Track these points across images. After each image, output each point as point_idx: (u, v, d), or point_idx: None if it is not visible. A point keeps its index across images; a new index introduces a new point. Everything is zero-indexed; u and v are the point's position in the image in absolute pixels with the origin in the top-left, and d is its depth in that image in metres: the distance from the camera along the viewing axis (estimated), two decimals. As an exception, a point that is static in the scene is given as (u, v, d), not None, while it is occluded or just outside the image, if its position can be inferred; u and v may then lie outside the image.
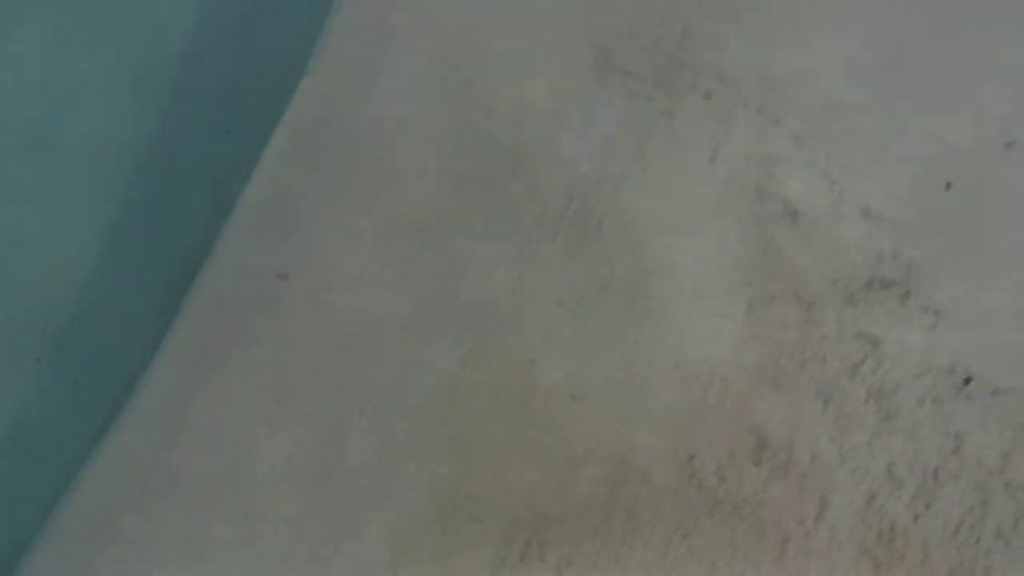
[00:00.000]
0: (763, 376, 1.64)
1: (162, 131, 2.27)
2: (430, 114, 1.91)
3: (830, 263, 1.71)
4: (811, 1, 1.87)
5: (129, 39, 2.39)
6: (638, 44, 1.88)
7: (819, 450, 1.56)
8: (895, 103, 1.82)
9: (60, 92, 2.33)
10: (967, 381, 1.61)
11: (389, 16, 1.95)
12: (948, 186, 1.77)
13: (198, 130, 2.26)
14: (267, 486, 1.53)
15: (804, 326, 1.67)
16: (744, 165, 1.82)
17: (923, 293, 1.68)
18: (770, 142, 1.83)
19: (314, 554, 1.48)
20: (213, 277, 1.73)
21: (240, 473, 1.54)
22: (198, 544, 1.46)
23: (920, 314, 1.66)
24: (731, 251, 1.73)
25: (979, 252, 1.72)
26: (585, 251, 1.76)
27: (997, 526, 1.48)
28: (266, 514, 1.51)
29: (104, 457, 1.54)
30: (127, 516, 1.50)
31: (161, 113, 2.32)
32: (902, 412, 1.59)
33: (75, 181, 2.17)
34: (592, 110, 1.88)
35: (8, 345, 1.95)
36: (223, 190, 1.94)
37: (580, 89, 1.90)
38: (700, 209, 1.78)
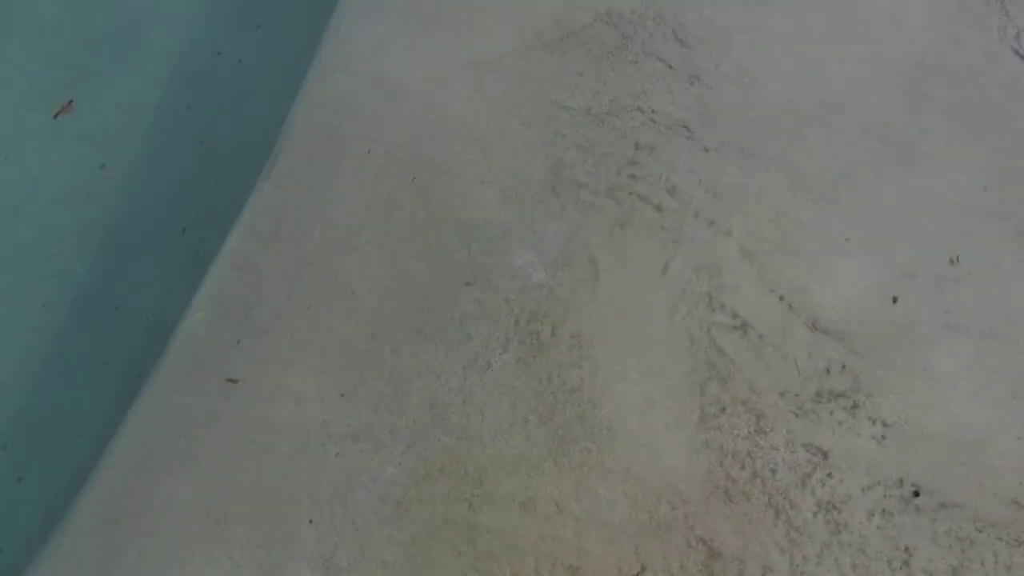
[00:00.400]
0: (714, 487, 1.98)
1: (110, 240, 2.65)
2: (380, 226, 2.33)
3: (780, 374, 2.09)
4: (761, 119, 2.34)
5: (87, 141, 2.81)
6: (591, 157, 2.33)
7: (770, 562, 1.88)
8: (842, 219, 2.26)
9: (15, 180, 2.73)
10: (916, 494, 1.96)
11: (343, 126, 2.39)
12: (895, 300, 2.18)
13: (148, 237, 2.64)
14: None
15: (754, 437, 2.02)
16: (695, 277, 2.23)
17: (871, 405, 2.05)
18: (720, 255, 2.25)
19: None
20: (162, 381, 2.07)
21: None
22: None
23: (868, 425, 2.03)
24: (682, 362, 2.11)
25: (926, 365, 2.10)
26: (536, 362, 2.12)
27: (949, 642, 1.78)
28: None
29: None
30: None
31: (110, 220, 2.72)
32: (851, 525, 1.92)
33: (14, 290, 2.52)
34: (545, 221, 2.30)
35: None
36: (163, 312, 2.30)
37: (533, 200, 2.32)
38: (651, 321, 2.17)
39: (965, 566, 1.82)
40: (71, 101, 2.77)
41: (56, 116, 2.75)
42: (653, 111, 2.31)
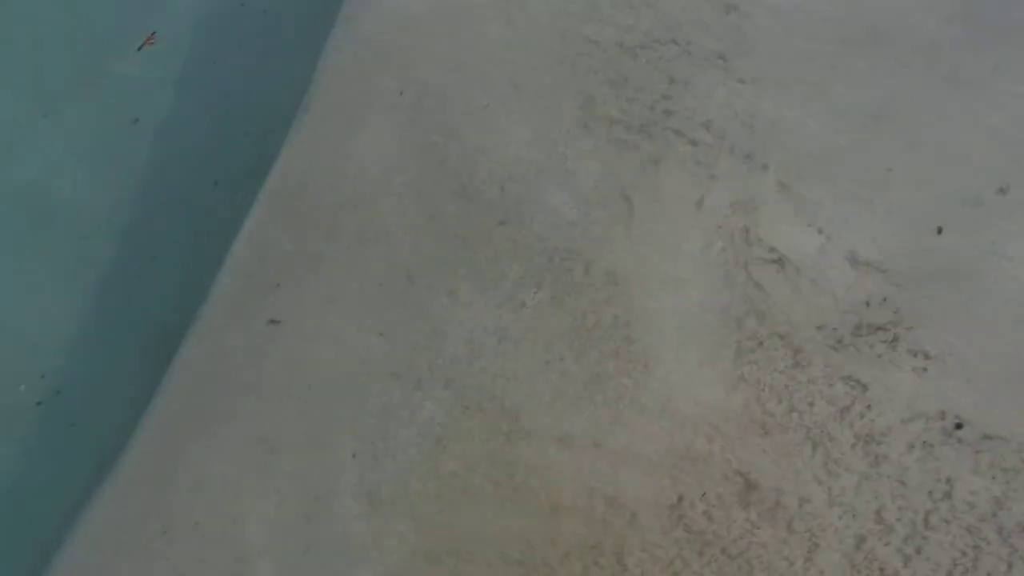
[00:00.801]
0: (751, 421, 1.96)
1: (144, 196, 2.69)
2: (414, 168, 2.32)
3: (818, 308, 2.05)
4: (799, 51, 2.26)
5: (114, 102, 2.84)
6: (624, 92, 2.28)
7: (807, 494, 1.87)
8: (883, 150, 2.19)
9: (42, 159, 2.78)
10: (958, 426, 1.92)
11: (374, 69, 2.37)
12: (940, 231, 2.11)
13: (182, 190, 2.67)
14: (258, 535, 1.87)
15: (792, 371, 2.00)
16: (731, 212, 2.19)
17: (912, 338, 2.00)
18: (757, 189, 2.20)
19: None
20: (207, 324, 2.11)
21: (231, 521, 1.88)
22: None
23: (909, 359, 1.99)
24: (718, 297, 2.08)
25: (969, 298, 2.04)
26: (570, 300, 2.11)
27: (990, 571, 1.77)
28: (256, 562, 1.84)
29: (100, 503, 1.89)
30: (122, 562, 1.84)
31: (143, 177, 2.75)
32: (891, 457, 1.90)
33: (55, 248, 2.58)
34: (577, 159, 2.27)
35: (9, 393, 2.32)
36: (207, 252, 2.33)
37: (565, 138, 2.29)
38: (687, 256, 2.14)
39: (1009, 496, 1.79)
40: (154, 33, 2.78)
41: (140, 48, 2.77)
42: (688, 43, 2.25)
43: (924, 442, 1.88)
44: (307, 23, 2.88)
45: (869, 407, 1.92)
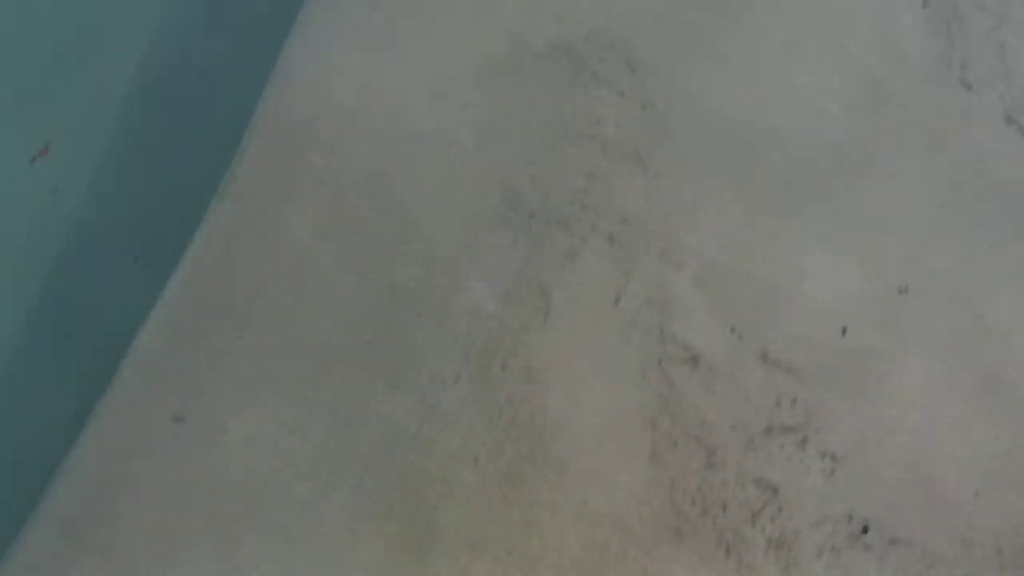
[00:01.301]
0: (666, 524, 1.95)
1: (59, 270, 2.58)
2: (336, 254, 2.26)
3: (731, 408, 2.05)
4: (714, 149, 2.29)
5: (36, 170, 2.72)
6: (544, 186, 2.27)
7: None
8: (795, 246, 2.22)
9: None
10: (864, 530, 1.93)
11: (300, 149, 2.32)
12: (844, 331, 2.14)
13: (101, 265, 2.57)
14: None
15: (705, 472, 1.99)
16: (647, 308, 2.18)
17: (820, 439, 2.02)
18: (672, 285, 2.21)
19: None
20: (102, 420, 2.00)
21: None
22: None
23: (818, 460, 2.00)
24: (633, 396, 2.07)
25: (876, 397, 2.07)
26: (487, 396, 2.08)
27: None
28: None
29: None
30: None
31: (63, 244, 2.64)
32: (801, 562, 1.90)
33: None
34: (498, 251, 2.24)
35: None
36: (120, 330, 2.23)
37: (487, 229, 2.26)
38: (603, 353, 2.12)
39: (912, 602, 1.80)
40: (47, 145, 2.67)
41: (34, 161, 2.65)
42: (607, 138, 2.26)
43: (832, 547, 1.88)
44: (245, 87, 2.81)
45: (780, 510, 1.92)
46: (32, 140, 2.86)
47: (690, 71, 2.31)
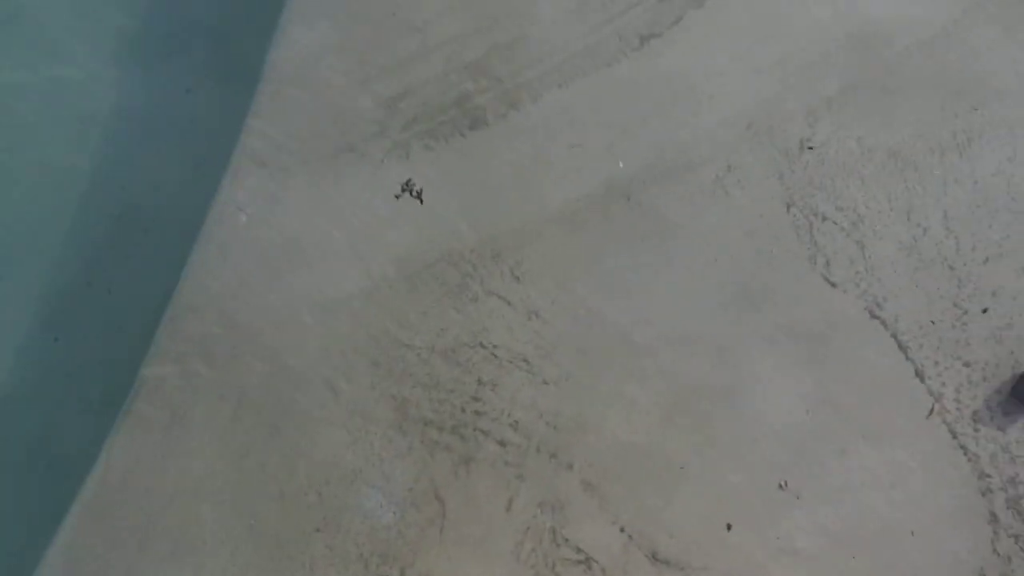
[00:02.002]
0: None
1: None
2: (234, 472, 2.38)
3: (620, 613, 2.13)
4: (597, 351, 2.47)
5: None
6: (436, 394, 2.42)
7: None
8: (678, 448, 2.35)
9: None
10: None
11: (197, 370, 2.47)
12: (729, 527, 2.25)
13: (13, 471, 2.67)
14: None
15: None
16: (539, 512, 2.29)
17: (709, 641, 2.08)
18: (563, 488, 2.32)
19: None
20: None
21: None
22: None
23: (706, 665, 2.06)
24: (524, 605, 2.14)
25: (763, 593, 2.16)
26: (381, 611, 2.14)
27: None
28: None
29: None
30: None
31: None
32: None
33: None
34: (393, 461, 2.37)
35: None
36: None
37: (381, 440, 2.40)
38: (498, 559, 2.22)
39: None
40: None
41: None
42: (495, 346, 2.43)
43: None
44: (150, 304, 2.99)
45: None
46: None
47: (573, 279, 2.51)
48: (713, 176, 2.57)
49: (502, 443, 2.38)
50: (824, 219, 2.56)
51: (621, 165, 2.56)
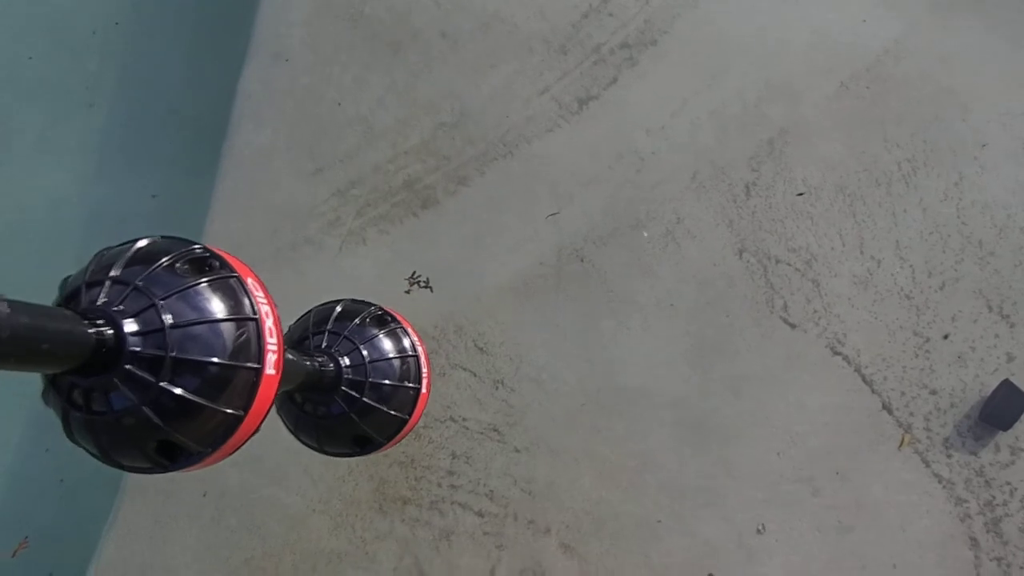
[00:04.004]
0: None
1: None
2: (221, 569, 2.55)
3: (605, 676, 2.26)
4: (563, 418, 2.64)
5: None
6: (412, 472, 2.59)
7: None
8: (652, 503, 2.51)
9: None
10: None
11: (176, 479, 2.66)
12: None
13: None
14: None
15: None
16: None
17: None
18: (542, 553, 2.48)
19: None
20: None
21: None
22: None
23: None
24: (510, 677, 2.28)
25: (748, 642, 2.29)
26: None
27: None
28: None
29: None
30: None
31: None
32: None
33: None
34: (375, 541, 2.54)
35: None
36: None
37: (362, 522, 2.57)
38: (480, 635, 2.36)
39: None
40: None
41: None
42: (464, 419, 2.61)
43: None
44: None
45: None
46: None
47: (534, 345, 2.70)
48: (663, 230, 2.76)
49: (480, 514, 2.54)
50: (777, 261, 2.73)
51: (571, 228, 2.76)
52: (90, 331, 0.78)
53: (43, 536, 2.99)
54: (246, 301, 0.94)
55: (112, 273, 0.87)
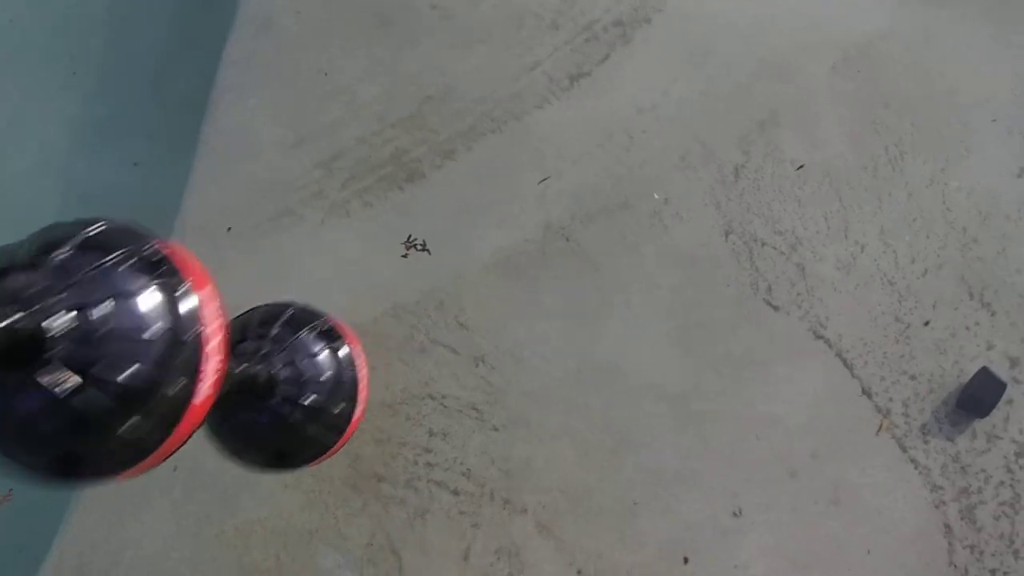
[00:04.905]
0: None
1: None
2: (191, 543, 2.57)
3: (578, 655, 2.29)
4: (543, 392, 2.66)
5: None
6: (388, 448, 2.61)
7: None
8: (628, 483, 2.54)
9: None
10: None
11: None
12: (686, 560, 2.43)
13: None
14: None
15: None
16: (496, 559, 2.47)
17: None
18: (518, 533, 2.50)
19: None
20: None
21: None
22: None
23: None
24: (482, 654, 2.31)
25: (721, 623, 2.33)
26: (340, 672, 2.32)
27: None
28: None
29: None
30: None
31: None
32: None
33: None
34: (348, 518, 2.56)
35: None
36: None
37: (335, 499, 2.59)
38: (453, 613, 2.39)
39: None
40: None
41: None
42: (443, 396, 2.63)
43: None
44: None
45: None
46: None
47: (515, 323, 2.72)
48: (650, 210, 2.78)
49: (456, 492, 2.57)
50: (763, 244, 2.75)
51: (557, 206, 2.78)
52: (2, 322, 0.69)
53: (11, 511, 2.99)
54: (192, 315, 0.86)
55: (52, 258, 0.78)
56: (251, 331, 1.33)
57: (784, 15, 2.94)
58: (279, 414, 1.26)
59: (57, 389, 0.73)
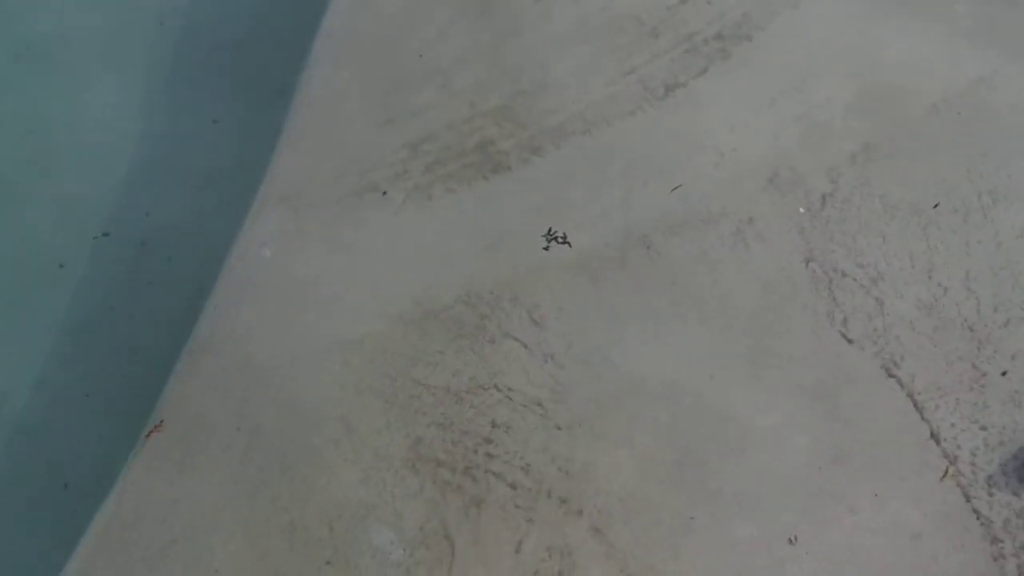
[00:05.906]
0: None
1: None
2: (247, 504, 2.63)
3: (623, 662, 2.34)
4: (610, 398, 2.71)
5: None
6: (449, 435, 2.67)
7: None
8: (687, 498, 2.58)
9: None
10: None
11: (213, 405, 2.74)
12: None
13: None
14: None
15: None
16: (547, 556, 2.52)
17: None
18: (572, 534, 2.55)
19: None
20: None
21: None
22: None
23: None
24: (527, 649, 2.36)
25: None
26: (386, 649, 2.38)
27: None
28: None
29: None
30: None
31: None
32: None
33: None
34: (404, 499, 2.61)
35: None
36: None
37: (394, 478, 2.64)
38: (502, 605, 2.44)
39: None
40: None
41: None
42: (509, 389, 2.68)
43: None
44: (168, 331, 3.28)
45: None
46: None
47: (589, 325, 2.77)
48: (733, 228, 2.81)
49: (513, 486, 2.62)
50: (844, 275, 2.78)
51: (640, 214, 2.82)
52: None
53: (68, 452, 3.06)
54: None
55: None
56: None
57: (889, 50, 2.96)
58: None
59: None
